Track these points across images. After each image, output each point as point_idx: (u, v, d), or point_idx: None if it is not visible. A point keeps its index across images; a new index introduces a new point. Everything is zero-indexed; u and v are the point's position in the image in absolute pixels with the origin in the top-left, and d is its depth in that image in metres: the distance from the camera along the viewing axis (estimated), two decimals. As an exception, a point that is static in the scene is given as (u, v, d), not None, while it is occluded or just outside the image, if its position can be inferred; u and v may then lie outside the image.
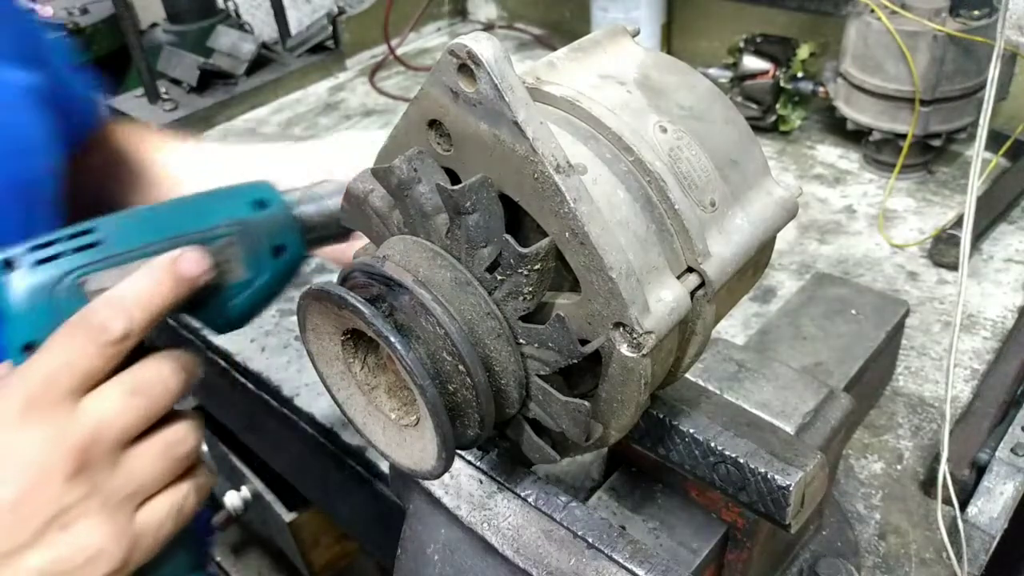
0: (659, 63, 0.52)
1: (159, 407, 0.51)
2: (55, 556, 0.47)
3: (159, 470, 0.51)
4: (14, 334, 0.51)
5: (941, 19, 1.10)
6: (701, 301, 0.46)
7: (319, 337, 0.48)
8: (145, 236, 0.54)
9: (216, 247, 0.56)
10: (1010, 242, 1.09)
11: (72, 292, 0.52)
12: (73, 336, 0.49)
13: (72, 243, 0.52)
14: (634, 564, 0.48)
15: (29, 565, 0.46)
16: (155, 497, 0.51)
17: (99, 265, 0.52)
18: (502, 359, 0.44)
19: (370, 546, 1.14)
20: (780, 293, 1.04)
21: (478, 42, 0.39)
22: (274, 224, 0.58)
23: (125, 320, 0.49)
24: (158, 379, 0.51)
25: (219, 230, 0.56)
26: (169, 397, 0.51)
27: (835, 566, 0.65)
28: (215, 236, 0.56)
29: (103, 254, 0.53)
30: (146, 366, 0.51)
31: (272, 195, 0.59)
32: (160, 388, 0.51)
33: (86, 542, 0.47)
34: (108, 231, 0.53)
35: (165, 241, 0.54)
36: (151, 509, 0.51)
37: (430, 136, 0.45)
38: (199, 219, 0.56)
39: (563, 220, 0.41)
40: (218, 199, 0.57)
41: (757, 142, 0.51)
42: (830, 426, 0.60)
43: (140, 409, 0.50)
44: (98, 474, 0.48)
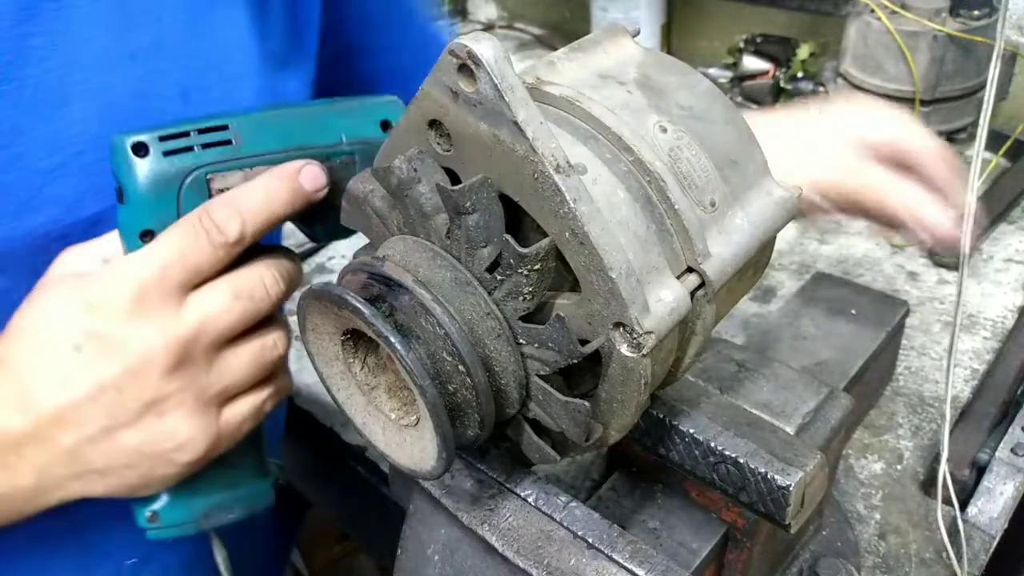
0: (659, 63, 0.52)
1: (260, 311, 0.53)
2: (149, 439, 0.50)
3: (249, 372, 0.53)
4: (135, 219, 0.52)
5: (941, 19, 1.10)
6: (701, 301, 0.46)
7: (319, 337, 0.48)
8: (274, 142, 0.55)
9: (337, 163, 0.56)
10: (1010, 242, 1.09)
11: (197, 187, 0.52)
12: (191, 232, 0.50)
13: (205, 138, 0.52)
14: (634, 564, 0.48)
15: (126, 442, 0.50)
16: (241, 396, 0.54)
17: (226, 165, 0.53)
18: (502, 359, 0.44)
19: (370, 546, 1.14)
20: (780, 293, 1.04)
21: (478, 42, 0.39)
22: None
23: (240, 224, 0.51)
24: (261, 284, 0.53)
25: (343, 147, 0.57)
26: (270, 303, 0.53)
27: (835, 566, 0.65)
28: (338, 152, 0.56)
29: (232, 154, 0.53)
30: (252, 270, 0.53)
31: (397, 114, 0.58)
32: (262, 293, 0.52)
33: (177, 431, 0.51)
34: (241, 130, 0.54)
35: (292, 150, 0.55)
36: (236, 408, 0.54)
37: (430, 136, 0.45)
38: (326, 133, 0.57)
39: (563, 220, 0.41)
40: (348, 114, 0.58)
41: (757, 142, 0.51)
42: (830, 426, 0.60)
43: (242, 312, 0.52)
44: (195, 370, 0.51)
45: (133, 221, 0.52)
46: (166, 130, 0.52)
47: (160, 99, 0.58)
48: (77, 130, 0.55)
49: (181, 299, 0.50)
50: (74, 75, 0.54)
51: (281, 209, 0.53)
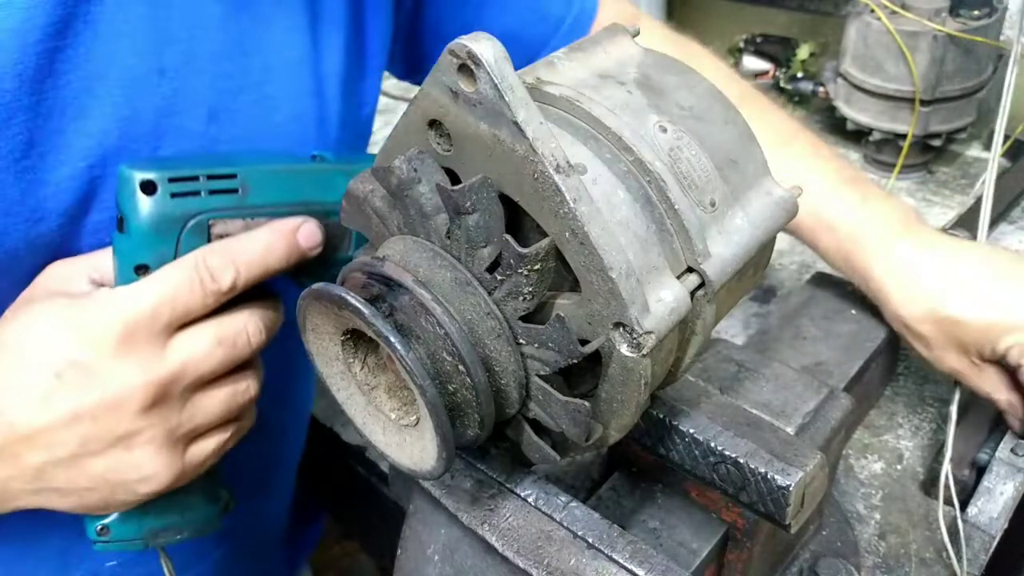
0: (659, 63, 0.52)
1: (240, 359, 0.54)
2: (114, 468, 0.52)
3: (220, 414, 0.55)
4: (132, 251, 0.53)
5: (941, 19, 1.10)
6: (701, 301, 0.46)
7: (319, 337, 0.48)
8: (279, 195, 0.56)
9: (335, 221, 0.57)
10: (1010, 242, 1.09)
11: (198, 230, 0.54)
12: (185, 276, 0.51)
13: (213, 184, 0.54)
14: (634, 564, 0.48)
15: (92, 469, 0.51)
16: (208, 434, 0.55)
17: (230, 212, 0.55)
18: (502, 359, 0.44)
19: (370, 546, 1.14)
20: (780, 293, 1.04)
21: (478, 42, 0.39)
22: None
23: (234, 275, 0.52)
24: (244, 333, 0.54)
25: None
26: (250, 351, 0.55)
27: (835, 566, 0.65)
28: (336, 212, 0.56)
29: (236, 203, 0.55)
30: (237, 318, 0.54)
31: None
32: (244, 341, 0.54)
33: (143, 464, 0.52)
34: (249, 180, 0.55)
35: (295, 205, 0.57)
36: (202, 446, 0.55)
37: (430, 136, 0.45)
38: (330, 191, 0.58)
39: (563, 220, 0.41)
40: (350, 177, 0.58)
41: (757, 142, 0.51)
42: (830, 426, 0.60)
43: (223, 358, 0.53)
44: (169, 409, 0.52)
45: (130, 253, 0.53)
46: (176, 171, 0.53)
47: (184, 118, 0.58)
48: (93, 143, 0.54)
49: (166, 340, 0.51)
50: (97, 89, 0.54)
51: (276, 264, 0.55)
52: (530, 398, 0.46)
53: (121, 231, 0.53)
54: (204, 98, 0.59)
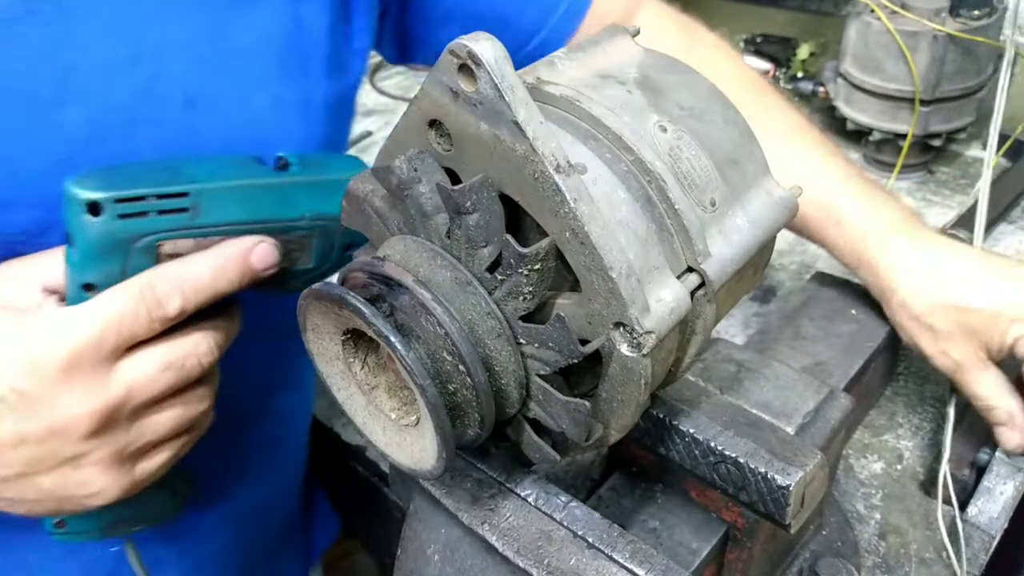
0: (659, 63, 0.52)
1: (189, 379, 0.53)
2: (62, 485, 0.51)
3: (170, 430, 0.53)
4: (80, 270, 0.51)
5: (941, 19, 1.10)
6: (701, 301, 0.46)
7: (319, 337, 0.48)
8: (234, 214, 0.53)
9: (293, 238, 0.56)
10: (1010, 242, 1.09)
11: (146, 250, 0.52)
12: (131, 302, 0.49)
13: (163, 204, 0.51)
14: (634, 564, 0.48)
15: (40, 485, 0.51)
16: (158, 448, 0.54)
17: (180, 233, 0.52)
18: (502, 359, 0.44)
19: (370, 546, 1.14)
20: (780, 293, 1.04)
21: (478, 42, 0.39)
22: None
23: (182, 301, 0.50)
24: (195, 355, 0.52)
25: (302, 223, 0.56)
26: (199, 372, 0.53)
27: (835, 566, 0.65)
28: (297, 228, 0.55)
29: (187, 223, 0.52)
30: (187, 340, 0.52)
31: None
32: (193, 363, 0.52)
33: (91, 482, 0.51)
34: (201, 199, 0.52)
35: (251, 223, 0.54)
36: (153, 459, 0.54)
37: (430, 136, 0.45)
38: (288, 208, 0.55)
39: (563, 220, 0.41)
40: (314, 189, 0.56)
41: (757, 142, 0.51)
42: (830, 426, 0.60)
43: (171, 381, 0.51)
44: (116, 432, 0.51)
45: (78, 270, 0.51)
46: (124, 191, 0.50)
47: (162, 104, 0.57)
48: (69, 133, 0.54)
49: (112, 365, 0.50)
50: (72, 79, 0.53)
51: (227, 287, 0.53)
52: (530, 398, 0.46)
53: (70, 246, 0.51)
54: (181, 83, 0.57)
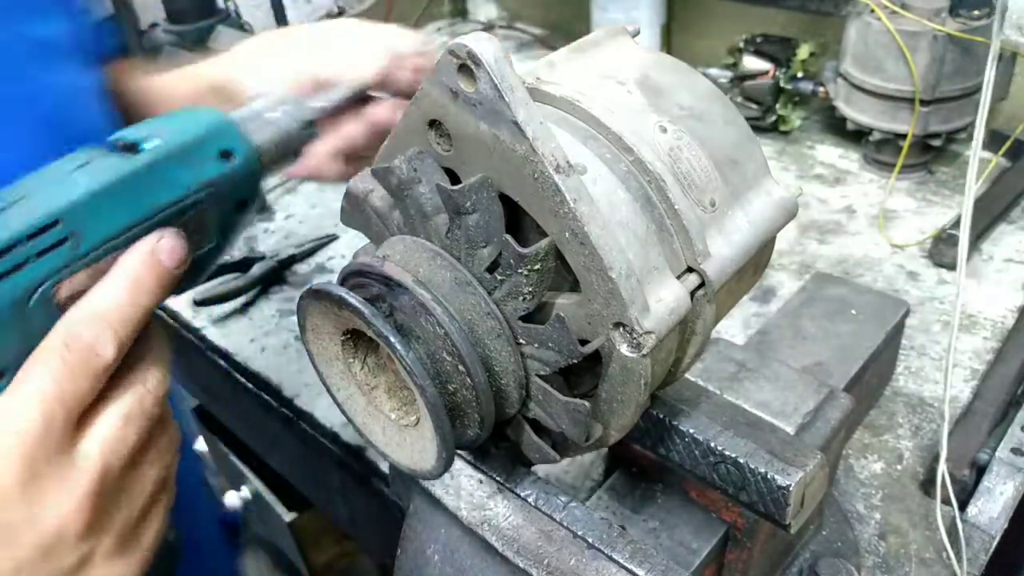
0: (659, 63, 0.52)
1: (153, 419, 0.47)
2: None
3: (156, 484, 0.48)
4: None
5: (941, 19, 1.10)
6: (701, 301, 0.46)
7: (319, 337, 0.48)
8: (117, 221, 0.44)
9: (190, 217, 0.47)
10: (1010, 242, 1.09)
11: (43, 305, 0.42)
12: (61, 365, 0.42)
13: (37, 243, 0.41)
14: (634, 564, 0.48)
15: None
16: (152, 505, 0.49)
17: (72, 267, 0.43)
18: (502, 359, 0.44)
19: (370, 546, 1.14)
20: (780, 293, 1.04)
21: (478, 42, 0.39)
22: (241, 176, 0.49)
23: (114, 338, 0.43)
24: (146, 391, 0.46)
25: (190, 197, 0.47)
26: (159, 406, 0.47)
27: (835, 566, 0.65)
28: (188, 206, 0.47)
29: (75, 252, 0.43)
30: (131, 381, 0.46)
31: (236, 140, 0.49)
32: (149, 400, 0.46)
33: (106, 574, 0.46)
34: (75, 221, 0.42)
35: (139, 223, 0.45)
36: (152, 523, 0.49)
37: (430, 136, 0.45)
38: (168, 188, 0.46)
39: (563, 220, 0.41)
40: (184, 159, 0.47)
41: (757, 142, 0.51)
42: (830, 426, 0.60)
43: (137, 432, 0.46)
44: (110, 515, 0.46)
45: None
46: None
47: None
48: None
49: (72, 446, 0.43)
50: None
51: (150, 301, 0.45)
52: (530, 398, 0.46)
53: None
54: None
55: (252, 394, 1.03)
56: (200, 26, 1.83)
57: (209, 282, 1.13)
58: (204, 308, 1.11)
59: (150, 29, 1.89)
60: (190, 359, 1.14)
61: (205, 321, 1.11)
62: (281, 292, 1.15)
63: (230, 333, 1.08)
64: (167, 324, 1.15)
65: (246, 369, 1.03)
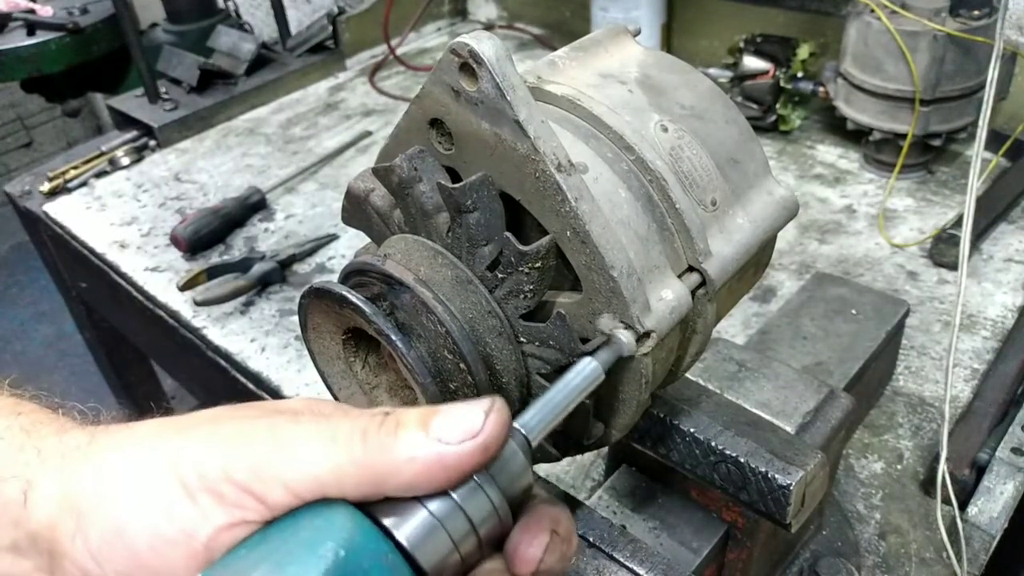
0: (660, 62, 0.52)
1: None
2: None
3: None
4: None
5: (941, 19, 1.10)
6: (702, 300, 0.46)
7: (320, 336, 0.48)
8: None
9: None
10: (1010, 242, 1.09)
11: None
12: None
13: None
14: (635, 563, 0.48)
15: None
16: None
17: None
18: (503, 357, 0.44)
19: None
20: (780, 293, 1.04)
21: (480, 41, 0.39)
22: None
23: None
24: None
25: None
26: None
27: (835, 566, 0.65)
28: None
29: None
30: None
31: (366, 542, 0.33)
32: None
33: None
34: None
35: None
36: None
37: (431, 135, 0.45)
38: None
39: (564, 219, 0.41)
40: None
41: (758, 141, 0.51)
42: (830, 426, 0.60)
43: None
44: None
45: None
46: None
47: None
48: None
49: None
50: None
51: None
52: (531, 396, 0.46)
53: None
54: None
55: (252, 394, 1.03)
56: (200, 26, 1.83)
57: (209, 282, 1.13)
58: (204, 308, 1.11)
59: (150, 29, 1.90)
60: (190, 359, 1.14)
61: (205, 321, 1.11)
62: (281, 292, 1.15)
63: (230, 333, 1.08)
64: (167, 324, 1.15)
65: (246, 369, 1.03)
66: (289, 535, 0.33)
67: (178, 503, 0.35)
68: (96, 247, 1.28)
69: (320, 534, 0.32)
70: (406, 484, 0.34)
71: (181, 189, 1.40)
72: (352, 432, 0.35)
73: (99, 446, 0.39)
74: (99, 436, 0.40)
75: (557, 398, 0.40)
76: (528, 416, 0.39)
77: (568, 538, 0.38)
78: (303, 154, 1.48)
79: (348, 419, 0.36)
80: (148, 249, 1.26)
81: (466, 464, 0.34)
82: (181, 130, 1.54)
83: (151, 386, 1.84)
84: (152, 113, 1.55)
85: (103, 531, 0.36)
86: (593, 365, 0.41)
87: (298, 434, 0.36)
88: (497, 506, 0.36)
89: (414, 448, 0.34)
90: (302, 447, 0.35)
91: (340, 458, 0.34)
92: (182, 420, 0.39)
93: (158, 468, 0.36)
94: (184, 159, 1.49)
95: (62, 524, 0.37)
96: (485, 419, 0.35)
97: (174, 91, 1.61)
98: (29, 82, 2.00)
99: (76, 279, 1.48)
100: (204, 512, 0.35)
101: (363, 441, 0.34)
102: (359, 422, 0.35)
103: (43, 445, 0.40)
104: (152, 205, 1.37)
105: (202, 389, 1.25)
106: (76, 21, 1.92)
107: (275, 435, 0.36)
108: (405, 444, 0.34)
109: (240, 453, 0.35)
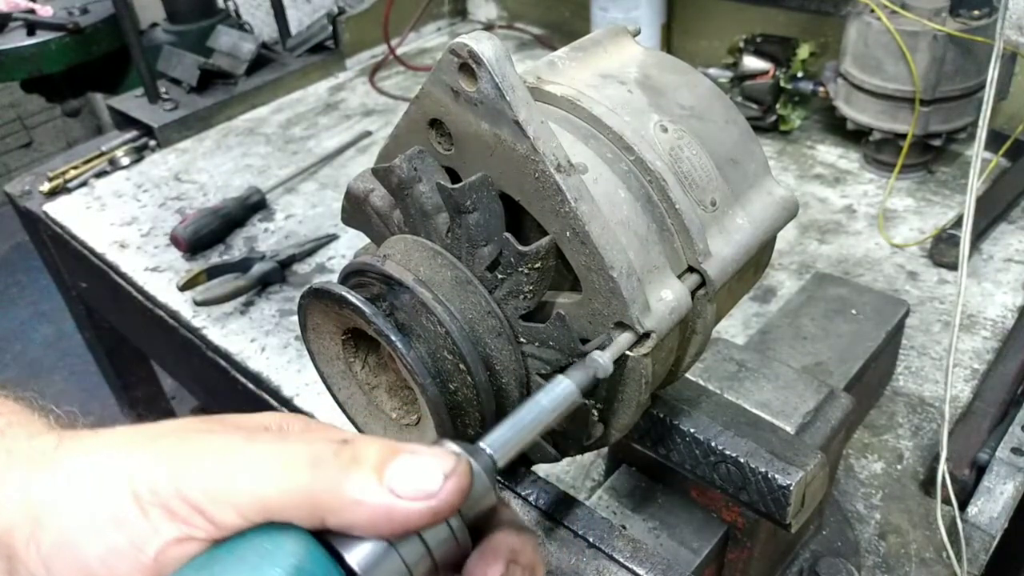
0: (660, 63, 0.52)
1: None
2: None
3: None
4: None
5: (941, 19, 1.10)
6: (702, 300, 0.46)
7: (320, 336, 0.48)
8: None
9: None
10: (1010, 242, 1.09)
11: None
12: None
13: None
14: (634, 563, 0.48)
15: None
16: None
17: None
18: (503, 358, 0.44)
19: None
20: (780, 293, 1.04)
21: (479, 41, 0.39)
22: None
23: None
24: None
25: None
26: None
27: (835, 566, 0.65)
28: None
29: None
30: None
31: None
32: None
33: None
34: None
35: None
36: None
37: (431, 135, 0.45)
38: None
39: (564, 219, 0.41)
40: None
41: (758, 142, 0.51)
42: (830, 426, 0.60)
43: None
44: None
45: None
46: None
47: None
48: None
49: None
50: None
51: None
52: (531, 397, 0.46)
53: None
54: None
55: (252, 394, 1.03)
56: (200, 26, 1.83)
57: (209, 282, 1.13)
58: (204, 308, 1.11)
59: (150, 29, 1.90)
60: (190, 359, 1.14)
61: (205, 321, 1.11)
62: (281, 292, 1.15)
63: (230, 333, 1.08)
64: (167, 324, 1.15)
65: (246, 369, 1.03)
66: (237, 558, 0.33)
67: (130, 514, 0.35)
68: (96, 247, 1.28)
69: (267, 559, 0.32)
70: (348, 524, 0.33)
71: (181, 189, 1.40)
72: (303, 459, 0.34)
73: (63, 451, 0.39)
74: (66, 441, 0.39)
75: (527, 419, 0.39)
76: (495, 435, 0.38)
77: (531, 567, 0.37)
78: (303, 154, 1.48)
79: (303, 443, 0.35)
80: (148, 249, 1.26)
81: (413, 522, 0.33)
82: (181, 130, 1.54)
83: (151, 386, 1.84)
84: (152, 113, 1.55)
85: (54, 538, 0.36)
86: (566, 384, 0.40)
87: (250, 456, 0.35)
88: (455, 529, 0.35)
89: (363, 492, 0.33)
90: (252, 470, 0.34)
91: (286, 484, 0.34)
92: (149, 430, 0.39)
93: (114, 478, 0.36)
94: (184, 159, 1.49)
95: (18, 529, 0.37)
96: (444, 483, 0.33)
97: (174, 91, 1.61)
98: (29, 82, 2.00)
99: (76, 279, 1.48)
100: (154, 526, 0.34)
101: (312, 470, 0.34)
102: (313, 448, 0.35)
103: (14, 447, 0.40)
104: (152, 205, 1.37)
105: (202, 389, 1.25)
106: (76, 21, 1.92)
107: (228, 455, 0.35)
108: (355, 484, 0.33)
109: (193, 471, 0.35)
